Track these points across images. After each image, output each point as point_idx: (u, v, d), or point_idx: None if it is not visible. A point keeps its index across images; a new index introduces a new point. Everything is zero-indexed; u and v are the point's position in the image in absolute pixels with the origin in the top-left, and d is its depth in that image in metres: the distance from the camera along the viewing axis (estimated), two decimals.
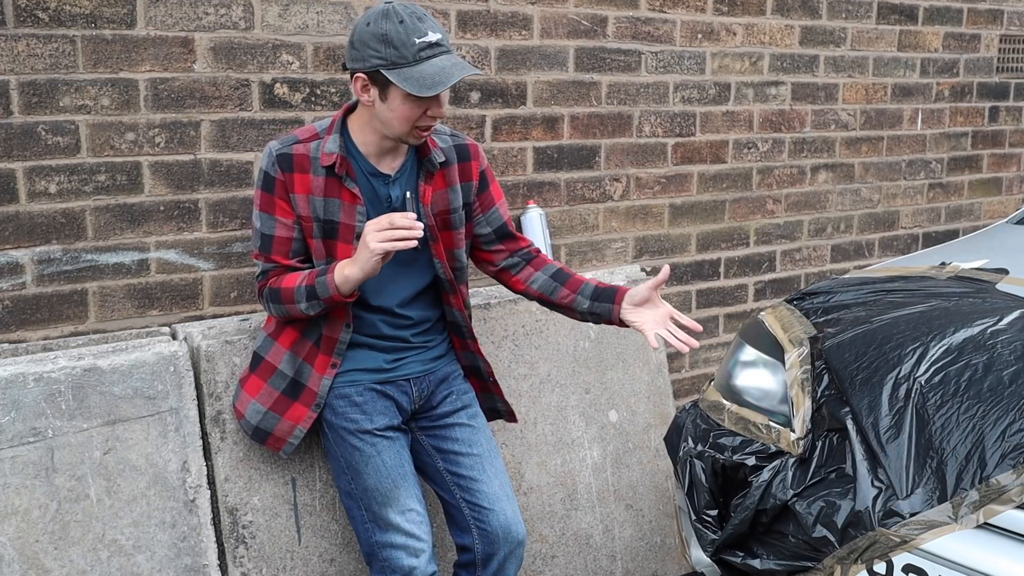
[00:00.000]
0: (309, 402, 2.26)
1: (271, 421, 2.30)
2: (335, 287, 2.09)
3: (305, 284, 2.13)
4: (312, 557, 2.51)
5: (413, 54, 2.01)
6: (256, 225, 2.21)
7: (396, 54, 2.01)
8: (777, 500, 2.06)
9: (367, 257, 2.02)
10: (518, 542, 2.30)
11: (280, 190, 2.16)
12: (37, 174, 2.41)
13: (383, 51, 2.02)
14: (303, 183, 2.16)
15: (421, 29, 2.02)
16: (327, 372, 2.24)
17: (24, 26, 2.34)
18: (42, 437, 2.21)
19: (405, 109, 2.06)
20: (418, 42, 2.01)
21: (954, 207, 4.41)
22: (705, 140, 3.55)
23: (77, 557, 2.23)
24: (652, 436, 3.12)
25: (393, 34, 2.01)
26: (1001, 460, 1.83)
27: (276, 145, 2.17)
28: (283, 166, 2.15)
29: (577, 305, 2.33)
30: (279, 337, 2.28)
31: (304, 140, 2.17)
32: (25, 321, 2.44)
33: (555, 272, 2.38)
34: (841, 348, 2.17)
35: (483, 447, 2.35)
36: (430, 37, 2.02)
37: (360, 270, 2.05)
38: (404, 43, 2.01)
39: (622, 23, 3.27)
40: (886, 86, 4.02)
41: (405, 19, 2.02)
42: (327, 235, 2.19)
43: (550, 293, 2.36)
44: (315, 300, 2.13)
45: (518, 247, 2.41)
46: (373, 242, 2.00)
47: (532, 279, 2.39)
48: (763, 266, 3.81)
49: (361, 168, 2.19)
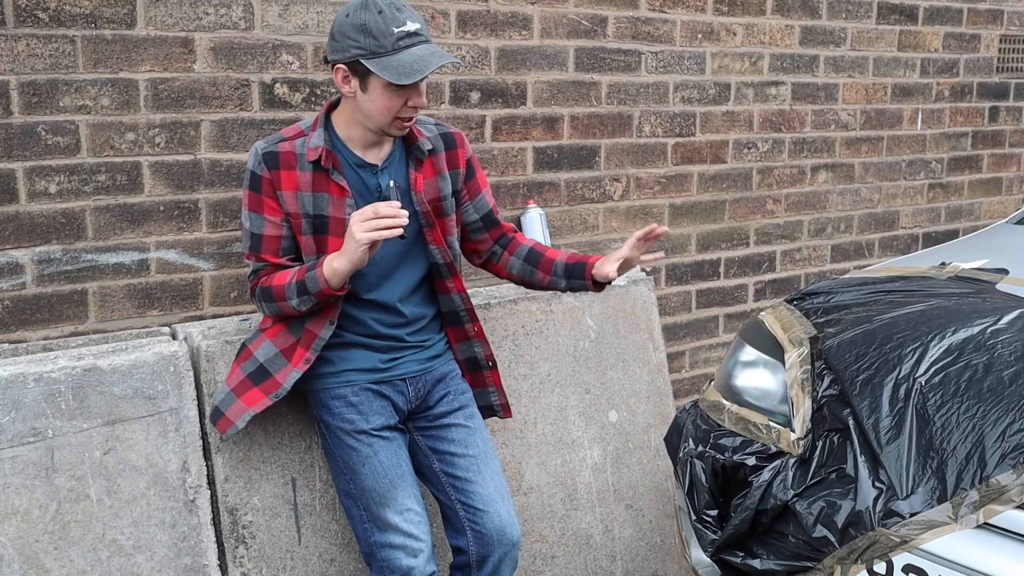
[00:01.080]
0: (268, 390, 2.24)
1: (228, 402, 2.29)
2: (324, 280, 2.09)
3: (295, 280, 2.14)
4: (312, 557, 2.51)
5: (392, 43, 2.03)
6: (245, 225, 2.22)
7: (375, 43, 2.03)
8: (777, 500, 2.06)
9: (354, 248, 2.03)
10: (512, 544, 2.30)
11: (267, 188, 2.17)
12: (37, 174, 2.41)
13: (362, 41, 2.04)
14: (290, 180, 2.17)
15: (399, 19, 2.04)
16: (299, 365, 2.23)
17: (24, 26, 2.34)
18: (42, 437, 2.21)
19: (385, 99, 2.08)
20: (396, 31, 2.03)
21: (954, 207, 4.41)
22: (705, 140, 3.55)
23: (77, 557, 2.23)
24: (652, 436, 3.12)
25: (372, 24, 2.03)
26: (1001, 460, 1.83)
27: (262, 144, 2.19)
28: (269, 164, 2.16)
29: (556, 285, 2.40)
30: (267, 330, 2.29)
31: (290, 138, 2.19)
32: (25, 321, 2.44)
33: (527, 254, 2.42)
34: (841, 348, 2.17)
35: (479, 448, 2.35)
36: (408, 27, 2.04)
37: (348, 261, 2.06)
38: (383, 32, 2.03)
39: (622, 23, 3.27)
40: (886, 86, 4.02)
41: (384, 9, 2.04)
42: (317, 230, 2.19)
43: (529, 277, 2.43)
44: (306, 295, 2.13)
45: (500, 234, 2.46)
46: (359, 232, 2.01)
47: (510, 265, 2.44)
48: (763, 266, 3.81)
49: (347, 160, 2.20)
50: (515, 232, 2.49)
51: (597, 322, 3.03)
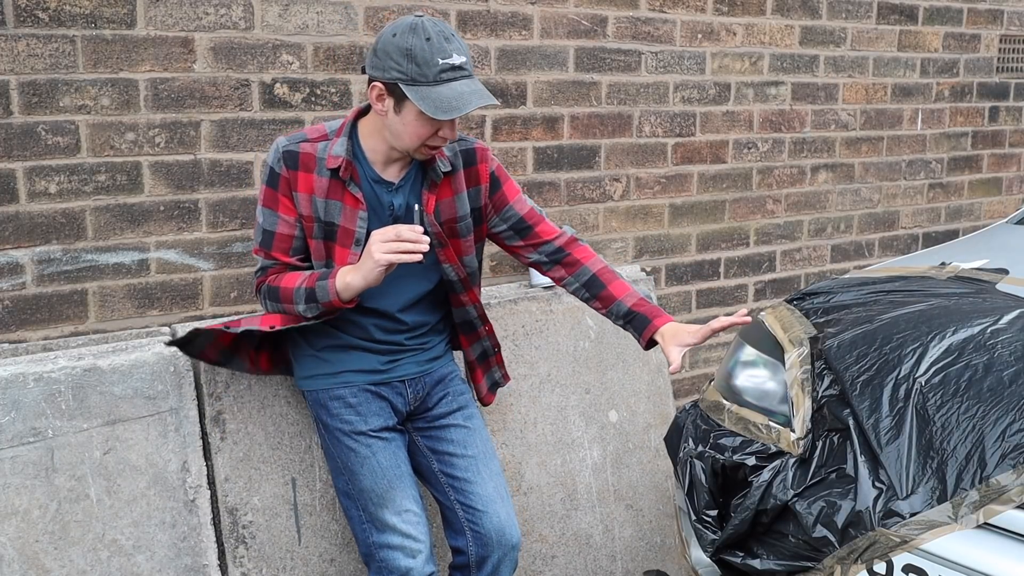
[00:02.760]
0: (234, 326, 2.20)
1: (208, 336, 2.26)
2: (335, 293, 2.08)
3: (305, 286, 2.13)
4: (312, 557, 2.51)
5: (435, 74, 1.99)
6: (259, 220, 2.20)
7: (417, 71, 1.99)
8: (777, 500, 2.06)
9: (370, 267, 2.02)
10: (512, 545, 2.29)
11: (284, 187, 2.15)
12: (37, 174, 2.41)
13: (404, 65, 1.99)
14: (306, 182, 2.15)
15: (446, 50, 2.00)
16: (264, 326, 2.18)
17: (24, 26, 2.34)
18: (42, 437, 2.21)
19: (418, 126, 2.05)
20: (441, 63, 1.99)
21: (954, 207, 4.41)
22: (705, 140, 3.55)
23: (77, 557, 2.23)
24: (652, 436, 3.12)
25: (417, 50, 1.98)
26: (1001, 460, 1.83)
27: (284, 141, 2.16)
28: (288, 163, 2.14)
29: (608, 317, 2.36)
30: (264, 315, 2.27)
31: (312, 140, 2.16)
32: (25, 321, 2.44)
33: (587, 281, 2.34)
34: (841, 348, 2.17)
35: (478, 448, 2.34)
36: (454, 60, 2.00)
37: (363, 279, 2.05)
38: (427, 61, 1.98)
39: (622, 23, 3.27)
40: (886, 86, 4.02)
41: (432, 37, 1.99)
42: (327, 236, 2.18)
43: (585, 300, 2.38)
44: (314, 303, 2.12)
45: (541, 242, 2.35)
46: (378, 253, 1.99)
47: (565, 282, 2.38)
48: (763, 266, 3.81)
49: (365, 174, 2.18)
50: (574, 245, 2.37)
51: (597, 322, 3.03)
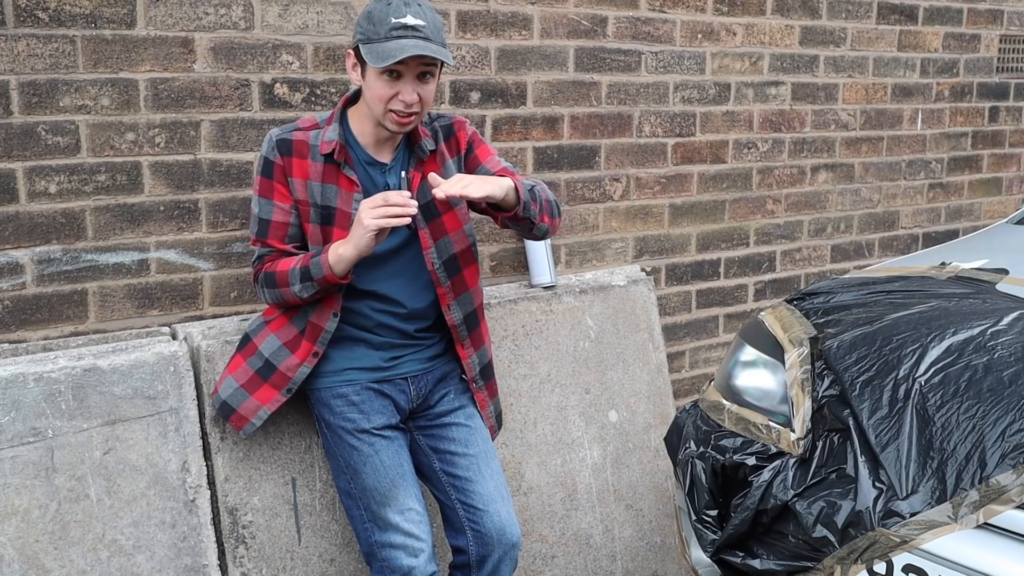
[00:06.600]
0: (280, 385, 2.26)
1: (239, 398, 2.30)
2: (328, 266, 2.11)
3: (299, 266, 2.16)
4: (312, 557, 2.51)
5: (385, 31, 2.06)
6: (254, 210, 2.24)
7: (372, 30, 2.07)
8: (777, 500, 2.06)
9: (361, 234, 2.05)
10: (512, 544, 2.30)
11: (279, 175, 2.20)
12: (37, 174, 2.41)
13: (364, 26, 2.09)
14: (301, 168, 2.20)
15: (402, 11, 2.07)
16: (308, 360, 2.24)
17: (24, 26, 2.34)
18: (42, 437, 2.21)
19: (378, 87, 2.11)
20: (394, 21, 2.06)
21: (954, 207, 4.41)
22: (705, 140, 3.55)
23: (77, 557, 2.23)
24: (652, 436, 3.12)
25: (376, 12, 2.08)
26: (1001, 460, 1.83)
27: (276, 131, 2.23)
28: (282, 151, 2.20)
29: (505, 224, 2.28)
30: (271, 322, 2.30)
31: (304, 128, 2.23)
32: (25, 321, 2.44)
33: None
34: (841, 348, 2.17)
35: (479, 447, 2.35)
36: (407, 20, 2.06)
37: (354, 247, 2.07)
38: (381, 20, 2.06)
39: (622, 23, 3.27)
40: (886, 86, 4.02)
41: (393, 1, 2.07)
42: (324, 221, 2.21)
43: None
44: (308, 281, 2.14)
45: None
46: (367, 218, 2.03)
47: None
48: (763, 266, 3.81)
49: (358, 157, 2.23)
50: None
51: (597, 322, 3.03)
